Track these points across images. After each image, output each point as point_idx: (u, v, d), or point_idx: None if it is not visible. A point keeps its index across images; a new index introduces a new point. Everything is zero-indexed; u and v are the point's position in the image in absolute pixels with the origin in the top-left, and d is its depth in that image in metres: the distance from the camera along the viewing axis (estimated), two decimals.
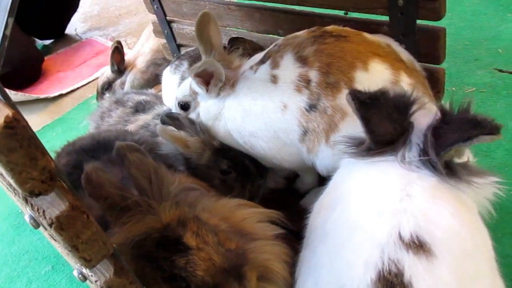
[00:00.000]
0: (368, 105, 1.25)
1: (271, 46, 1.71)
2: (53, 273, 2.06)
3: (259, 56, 1.74)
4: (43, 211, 0.71)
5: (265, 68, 1.64)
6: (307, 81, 1.53)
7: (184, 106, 1.86)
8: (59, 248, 1.31)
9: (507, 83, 2.35)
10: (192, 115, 1.84)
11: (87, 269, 0.83)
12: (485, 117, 1.13)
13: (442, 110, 1.19)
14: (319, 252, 1.25)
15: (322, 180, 1.49)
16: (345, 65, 1.50)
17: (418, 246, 1.05)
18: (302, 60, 1.55)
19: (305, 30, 1.66)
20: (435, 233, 1.07)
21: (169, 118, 1.90)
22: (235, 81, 1.70)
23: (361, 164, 1.29)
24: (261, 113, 1.62)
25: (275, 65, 1.61)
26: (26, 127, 0.64)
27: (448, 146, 1.13)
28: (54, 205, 0.71)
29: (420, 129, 1.22)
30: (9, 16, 0.64)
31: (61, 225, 0.70)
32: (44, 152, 0.67)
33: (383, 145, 1.24)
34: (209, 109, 1.76)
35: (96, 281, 0.81)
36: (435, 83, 1.67)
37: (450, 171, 1.17)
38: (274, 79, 1.59)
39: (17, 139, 0.63)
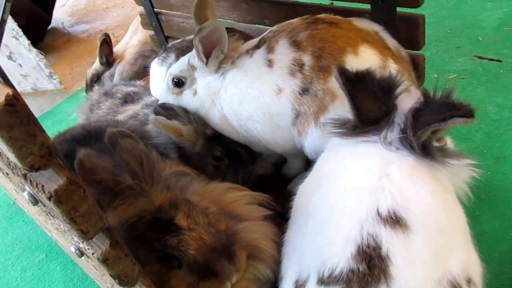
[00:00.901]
0: (355, 82, 1.30)
1: (265, 32, 1.76)
2: (47, 261, 2.10)
3: (254, 41, 1.79)
4: (42, 186, 0.75)
5: (260, 52, 1.69)
6: (300, 65, 1.58)
7: (179, 82, 1.85)
8: (54, 231, 1.35)
9: (486, 70, 2.43)
10: (187, 92, 1.85)
11: (84, 243, 0.88)
12: (461, 101, 1.19)
13: (424, 94, 1.25)
14: (302, 230, 1.30)
15: (308, 166, 1.54)
16: (336, 50, 1.55)
17: (395, 221, 1.10)
18: (296, 45, 1.61)
19: (298, 18, 1.71)
20: (411, 209, 1.12)
21: (162, 109, 1.93)
22: (234, 60, 1.74)
23: (344, 146, 1.34)
24: (257, 96, 1.67)
25: (270, 50, 1.66)
26: (25, 105, 0.69)
27: (424, 126, 1.19)
28: (52, 180, 0.75)
29: (403, 111, 1.28)
30: (7, 1, 0.68)
31: (59, 199, 0.74)
32: (42, 129, 0.71)
33: (368, 124, 1.29)
34: (209, 85, 1.77)
35: (93, 254, 0.86)
36: (415, 68, 1.73)
37: (426, 151, 1.23)
38: (269, 63, 1.64)
39: (17, 116, 0.67)
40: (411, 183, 1.18)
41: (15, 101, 0.66)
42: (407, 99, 1.31)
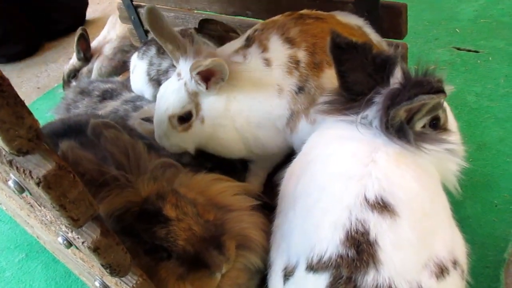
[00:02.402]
0: (344, 50, 1.29)
1: (250, 31, 1.71)
2: (28, 260, 2.03)
3: (238, 41, 1.72)
4: (30, 171, 0.72)
5: (254, 52, 1.62)
6: (296, 62, 1.56)
7: (185, 118, 1.68)
8: (38, 225, 1.31)
9: (465, 60, 2.48)
10: (197, 122, 1.68)
11: (73, 232, 0.85)
12: (429, 78, 1.17)
13: (404, 73, 1.24)
14: (290, 216, 1.30)
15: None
16: (326, 45, 1.54)
17: (382, 207, 1.11)
18: (290, 41, 1.58)
19: (280, 15, 1.69)
20: (398, 195, 1.13)
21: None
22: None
23: (331, 130, 1.34)
24: (264, 100, 1.60)
25: (264, 49, 1.61)
26: (11, 86, 0.66)
27: (395, 105, 1.17)
28: (41, 165, 0.72)
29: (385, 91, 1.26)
30: None
31: (48, 184, 0.71)
32: (29, 111, 0.68)
33: (354, 95, 1.28)
34: (214, 105, 1.64)
35: (83, 243, 0.83)
36: None
37: (401, 133, 1.21)
38: (267, 62, 1.59)
39: (4, 97, 0.64)
40: (397, 169, 1.18)
41: (1, 81, 0.64)
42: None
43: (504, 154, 1.92)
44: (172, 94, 1.67)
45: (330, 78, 1.44)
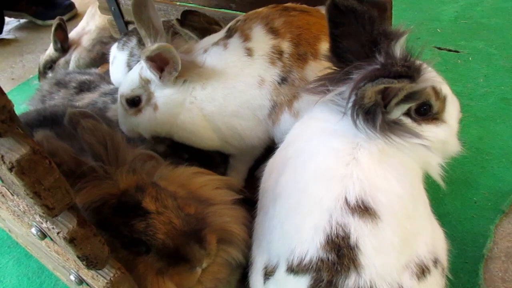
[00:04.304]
0: (342, 12, 1.22)
1: (232, 22, 1.68)
2: None
3: (218, 34, 1.69)
4: (2, 156, 0.67)
5: (235, 42, 1.59)
6: (280, 53, 1.54)
7: (134, 101, 1.68)
8: (10, 217, 1.25)
9: (446, 60, 2.51)
10: (147, 109, 1.68)
11: (48, 222, 0.81)
12: (398, 61, 1.11)
13: (386, 53, 1.17)
14: (270, 215, 1.27)
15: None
16: (311, 37, 1.53)
17: (363, 210, 1.08)
18: (274, 32, 1.55)
19: (264, 7, 1.66)
20: (379, 198, 1.10)
21: None
22: (197, 64, 1.61)
23: (312, 123, 1.30)
24: (243, 91, 1.58)
25: (246, 38, 1.58)
26: None
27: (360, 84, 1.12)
28: (14, 149, 0.68)
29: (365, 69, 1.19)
30: None
31: (22, 169, 0.67)
32: (2, 91, 0.64)
33: (342, 63, 1.24)
34: (172, 97, 1.63)
35: (58, 233, 0.79)
36: None
37: (370, 116, 1.16)
38: (249, 52, 1.56)
39: None
40: (379, 169, 1.15)
41: None
42: None
43: (483, 152, 1.94)
44: (128, 75, 1.70)
45: (314, 70, 1.42)
